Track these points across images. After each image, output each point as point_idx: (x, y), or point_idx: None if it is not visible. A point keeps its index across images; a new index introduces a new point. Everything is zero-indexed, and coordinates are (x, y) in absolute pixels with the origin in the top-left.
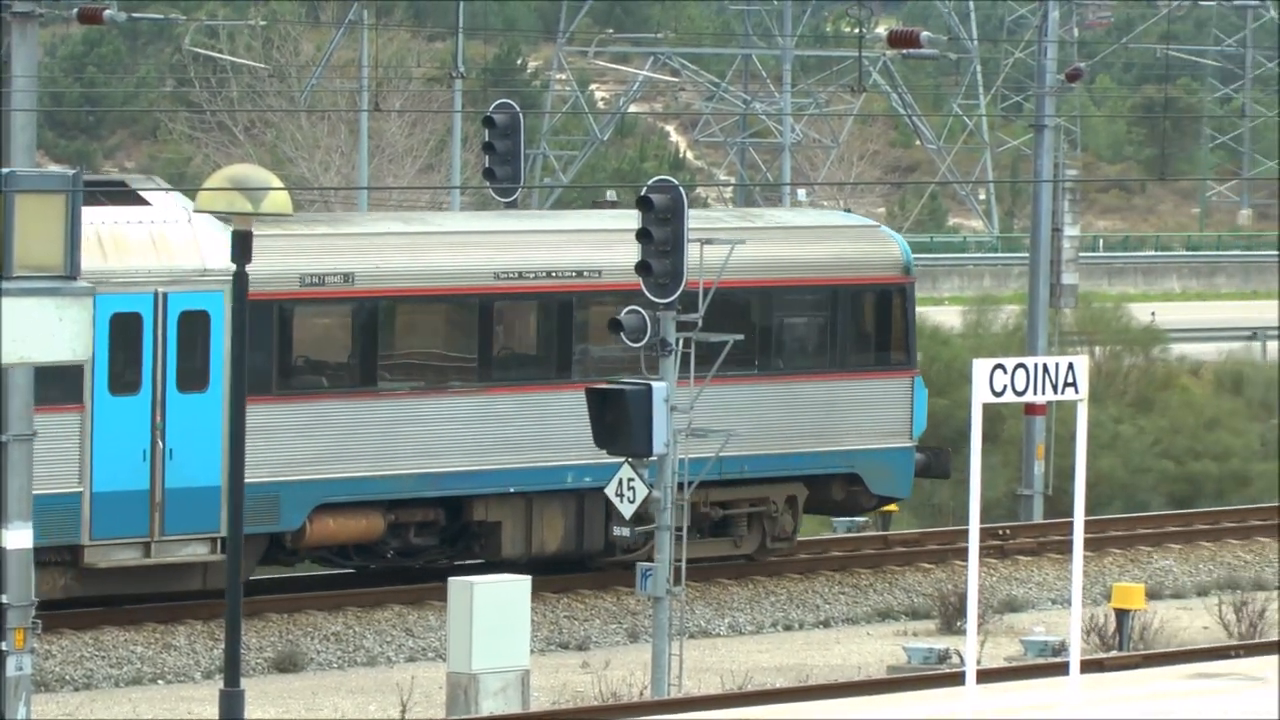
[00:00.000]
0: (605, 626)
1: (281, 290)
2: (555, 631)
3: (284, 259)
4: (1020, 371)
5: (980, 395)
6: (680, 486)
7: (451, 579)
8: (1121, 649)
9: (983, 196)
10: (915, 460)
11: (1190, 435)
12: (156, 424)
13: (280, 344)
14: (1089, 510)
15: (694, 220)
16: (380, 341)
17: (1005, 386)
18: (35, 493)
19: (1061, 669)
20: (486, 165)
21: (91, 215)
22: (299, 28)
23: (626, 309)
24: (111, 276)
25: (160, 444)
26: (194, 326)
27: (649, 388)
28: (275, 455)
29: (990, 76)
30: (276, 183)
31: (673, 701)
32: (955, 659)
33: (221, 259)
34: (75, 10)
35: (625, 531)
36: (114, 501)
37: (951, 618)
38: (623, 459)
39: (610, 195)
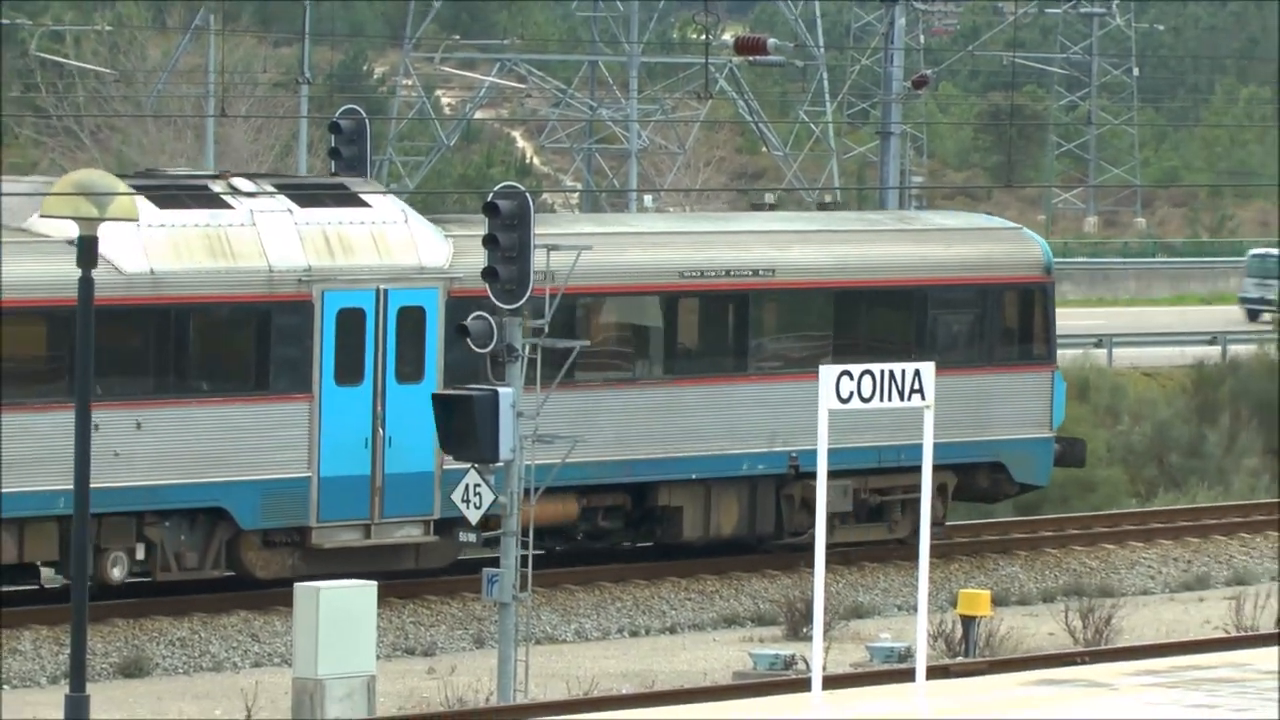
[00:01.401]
0: (451, 632)
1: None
2: (401, 637)
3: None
4: (866, 378)
5: (826, 401)
6: (526, 493)
7: (298, 585)
8: (968, 655)
9: (829, 200)
10: (1054, 450)
11: None
12: (377, 413)
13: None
14: None
15: (853, 222)
16: (578, 336)
17: (851, 393)
18: (268, 477)
19: (908, 675)
20: (332, 171)
21: (319, 216)
22: (145, 32)
23: (473, 315)
24: (339, 274)
25: (380, 432)
26: (411, 321)
27: (495, 394)
28: None
29: (837, 83)
30: (123, 188)
31: (518, 707)
32: (801, 665)
33: (436, 258)
34: None
35: (472, 537)
36: (339, 486)
37: (798, 624)
38: (469, 465)
39: (769, 199)
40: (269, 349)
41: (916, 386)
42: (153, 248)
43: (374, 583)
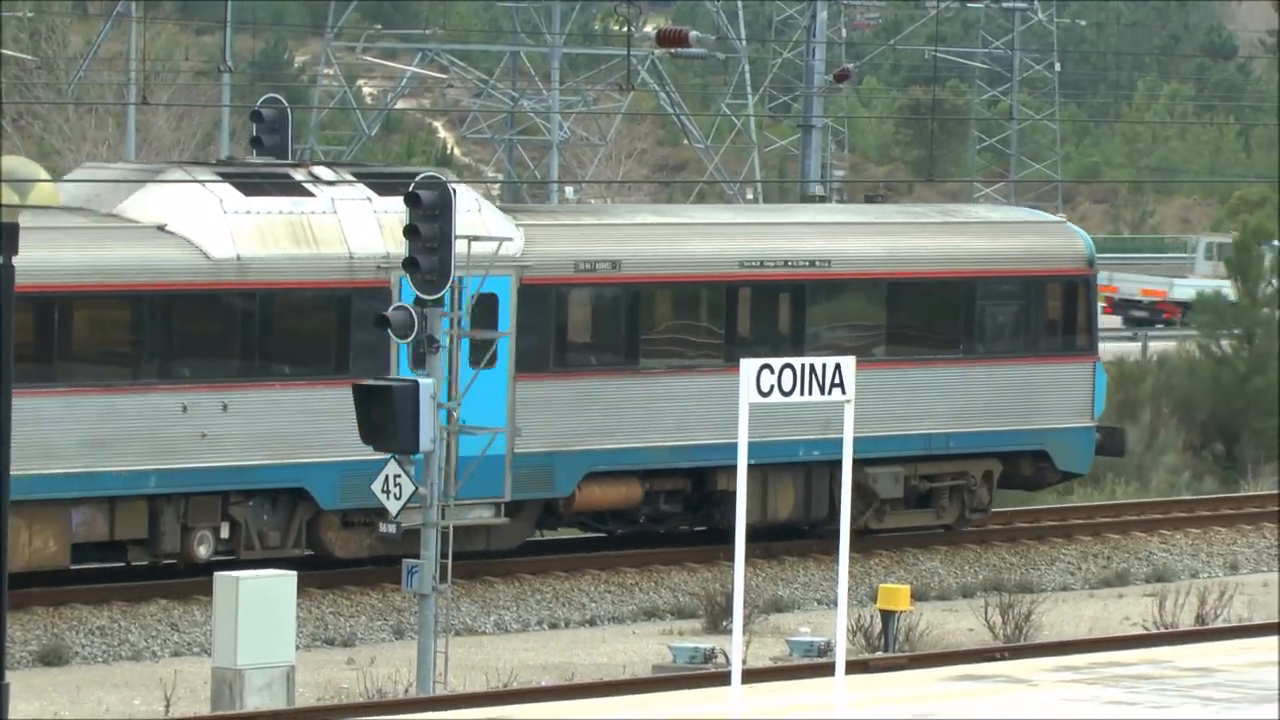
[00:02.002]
0: (371, 623)
1: (558, 275)
2: (321, 627)
3: (560, 246)
4: (787, 371)
5: (747, 395)
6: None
7: (217, 574)
8: (887, 650)
9: (750, 196)
10: (1095, 439)
11: None
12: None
13: (556, 325)
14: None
15: (903, 215)
16: (642, 323)
17: (772, 386)
18: (348, 458)
19: (827, 669)
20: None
21: (396, 204)
22: (67, 19)
23: (394, 306)
24: None
25: (454, 415)
26: (485, 308)
27: (415, 384)
28: (551, 428)
29: (759, 76)
30: (44, 175)
31: (438, 699)
32: (721, 659)
33: (508, 246)
34: None
35: (392, 528)
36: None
37: (717, 617)
38: (389, 455)
39: (881, 190)
40: (349, 333)
41: (837, 381)
42: (239, 234)
43: (293, 573)
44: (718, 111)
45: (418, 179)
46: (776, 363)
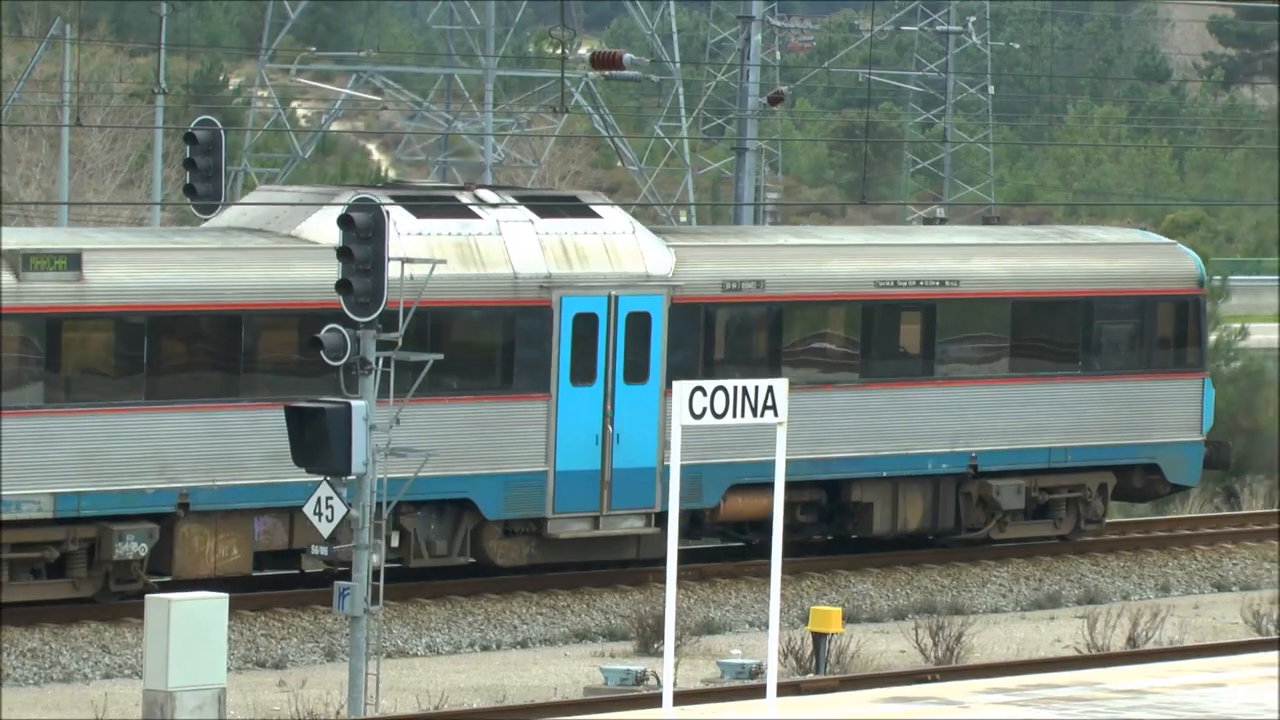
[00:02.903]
0: (303, 645)
1: (706, 295)
2: (253, 650)
3: (708, 267)
4: (720, 394)
5: (680, 417)
6: (379, 506)
7: (149, 596)
8: (819, 672)
9: (684, 218)
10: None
11: None
12: (607, 411)
13: (705, 341)
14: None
15: (1023, 237)
16: (784, 340)
17: (704, 409)
18: (510, 471)
19: (758, 691)
20: (188, 181)
21: (557, 226)
22: None
23: (327, 327)
24: (575, 281)
25: (609, 429)
26: (638, 325)
27: (348, 406)
28: (698, 441)
29: (692, 99)
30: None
31: None
32: (652, 680)
33: (661, 267)
34: None
35: (324, 550)
36: (572, 480)
37: (649, 639)
38: (322, 478)
39: (939, 212)
40: (513, 351)
41: (770, 403)
42: (412, 255)
43: (225, 595)
44: (651, 134)
45: (351, 203)
46: (709, 385)
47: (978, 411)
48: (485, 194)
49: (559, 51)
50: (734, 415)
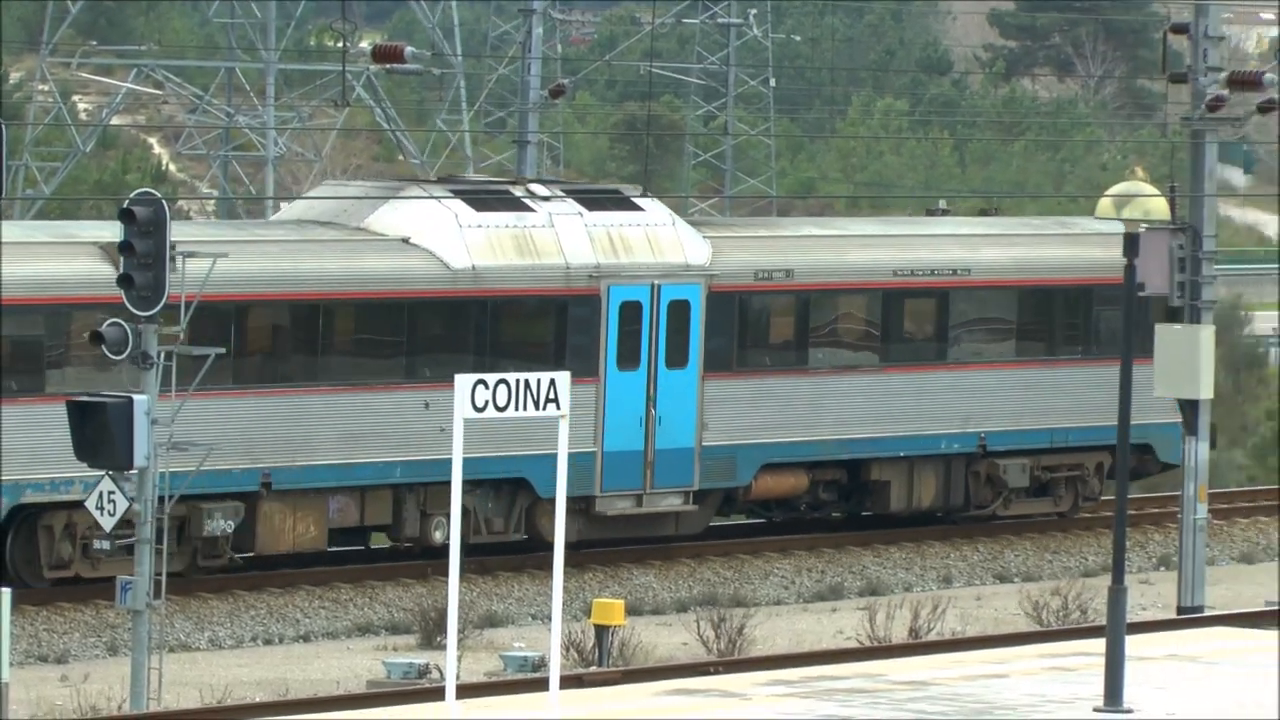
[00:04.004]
0: (85, 639)
1: (740, 284)
2: (34, 644)
3: (742, 257)
4: (501, 387)
5: (462, 410)
6: (160, 500)
7: None
8: (601, 665)
9: None
10: None
11: None
12: (650, 395)
13: (739, 329)
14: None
15: (1024, 227)
16: (810, 328)
17: (487, 402)
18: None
19: (541, 684)
20: None
21: (604, 219)
22: None
23: (108, 321)
24: (621, 271)
25: (652, 411)
26: (679, 313)
27: (129, 400)
28: (733, 423)
29: (474, 92)
30: None
31: (151, 715)
32: (435, 674)
33: (699, 257)
34: None
35: (106, 544)
36: (618, 460)
37: (432, 633)
38: (104, 472)
39: (941, 204)
40: (565, 337)
41: (552, 396)
42: (473, 246)
43: (7, 589)
44: (433, 127)
45: (132, 196)
46: (491, 378)
47: (987, 394)
48: (536, 187)
49: (341, 45)
50: (516, 408)
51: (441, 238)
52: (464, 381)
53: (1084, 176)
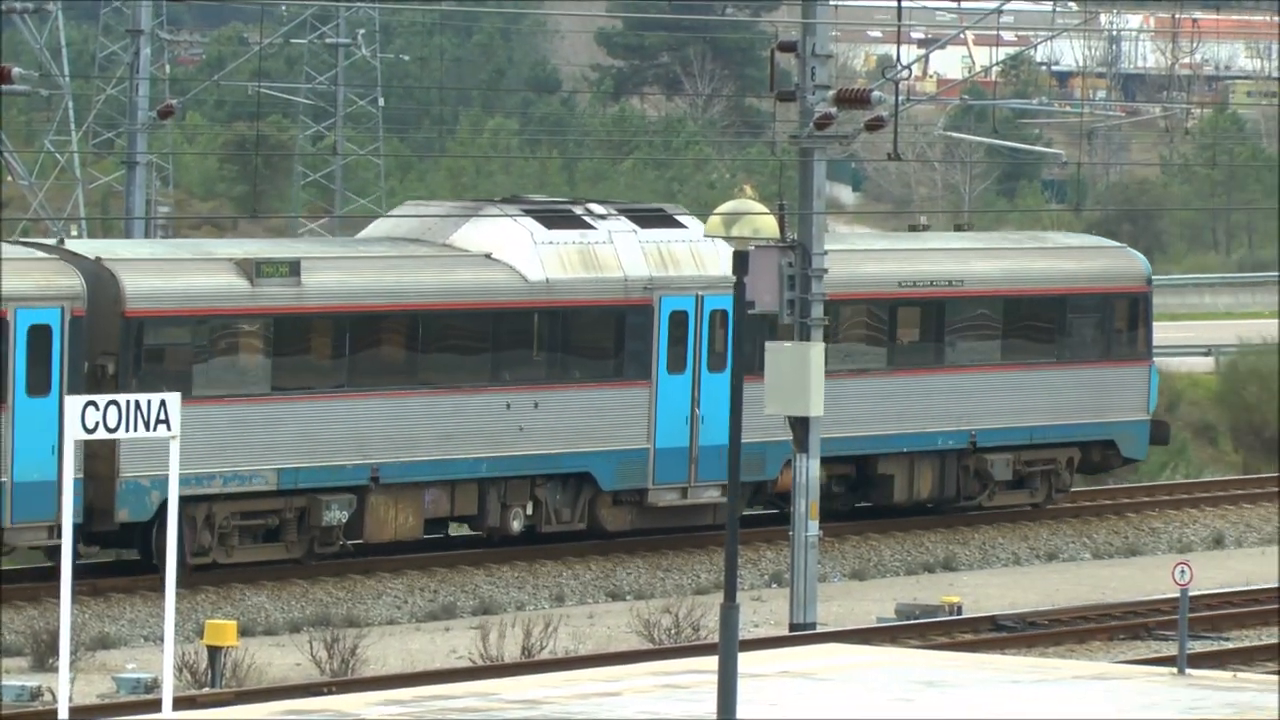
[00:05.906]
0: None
1: None
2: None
3: None
4: (112, 408)
5: (72, 432)
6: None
7: None
8: (214, 686)
9: (75, 232)
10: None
11: None
12: (695, 397)
13: (769, 335)
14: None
15: (1008, 242)
16: (828, 334)
17: (97, 423)
18: (621, 448)
19: (155, 706)
20: None
21: (655, 235)
22: None
23: None
24: (671, 283)
25: (696, 411)
26: (719, 322)
27: None
28: (764, 421)
29: (82, 112)
30: None
31: None
32: (48, 696)
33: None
34: None
35: None
36: (668, 456)
37: (44, 655)
38: None
39: (923, 220)
40: (623, 344)
41: (162, 417)
42: (546, 261)
43: None
44: (42, 148)
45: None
46: (102, 400)
47: (977, 395)
48: (594, 206)
49: None
50: (127, 429)
51: (519, 253)
52: (73, 404)
53: (693, 195)
